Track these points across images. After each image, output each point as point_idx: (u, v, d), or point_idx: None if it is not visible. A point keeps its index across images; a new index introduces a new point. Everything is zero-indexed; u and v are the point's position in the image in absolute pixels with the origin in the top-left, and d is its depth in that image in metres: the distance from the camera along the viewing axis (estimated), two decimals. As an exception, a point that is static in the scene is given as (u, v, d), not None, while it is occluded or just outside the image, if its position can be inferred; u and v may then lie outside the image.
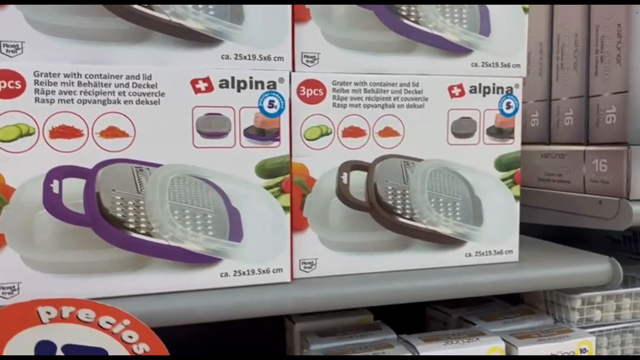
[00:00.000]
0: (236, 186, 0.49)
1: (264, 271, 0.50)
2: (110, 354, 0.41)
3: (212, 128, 0.48)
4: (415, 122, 0.55)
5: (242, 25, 0.49)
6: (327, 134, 0.52)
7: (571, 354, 0.62)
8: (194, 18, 0.47)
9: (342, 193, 0.53)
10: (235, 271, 0.50)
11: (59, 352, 0.40)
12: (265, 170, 0.50)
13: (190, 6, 0.47)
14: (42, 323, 0.39)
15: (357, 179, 0.54)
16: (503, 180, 0.58)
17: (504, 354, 0.60)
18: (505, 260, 0.59)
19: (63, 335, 0.39)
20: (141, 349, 0.41)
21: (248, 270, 0.50)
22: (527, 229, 0.76)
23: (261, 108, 0.49)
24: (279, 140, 0.50)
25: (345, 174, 0.53)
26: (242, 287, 0.50)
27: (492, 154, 0.57)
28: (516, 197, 0.59)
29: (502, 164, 0.58)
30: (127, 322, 0.40)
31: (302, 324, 0.68)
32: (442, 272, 0.56)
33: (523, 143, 0.78)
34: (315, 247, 0.53)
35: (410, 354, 0.58)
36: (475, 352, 0.59)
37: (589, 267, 0.61)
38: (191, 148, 0.48)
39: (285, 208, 0.51)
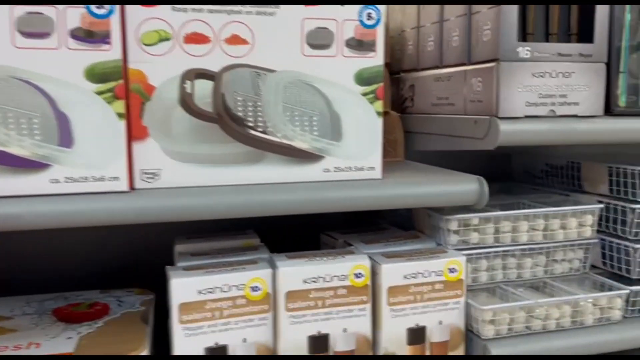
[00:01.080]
0: (63, 90, 0.48)
1: (98, 179, 0.50)
2: None
3: (33, 27, 0.46)
4: (265, 30, 0.53)
5: None
6: (167, 39, 0.50)
7: (439, 272, 0.62)
8: None
9: (186, 102, 0.52)
10: (67, 177, 0.49)
11: None
12: (96, 75, 0.48)
13: None
14: None
15: (203, 88, 0.52)
16: (364, 95, 0.57)
17: (369, 271, 0.60)
18: (367, 177, 0.58)
19: None
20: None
21: (81, 177, 0.49)
22: (449, 163, 0.73)
23: (88, 8, 0.47)
24: (109, 43, 0.48)
25: (188, 82, 0.52)
26: (76, 195, 0.49)
27: (352, 67, 0.56)
28: (378, 113, 0.58)
29: (363, 78, 0.56)
30: None
31: (183, 245, 0.68)
32: (298, 186, 0.56)
33: (421, 69, 0.77)
34: (158, 157, 0.52)
35: (271, 270, 0.58)
36: (338, 269, 0.59)
37: (456, 186, 0.60)
38: (11, 48, 0.46)
39: (119, 115, 0.49)
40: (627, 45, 0.63)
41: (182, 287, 0.55)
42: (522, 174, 0.95)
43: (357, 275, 0.60)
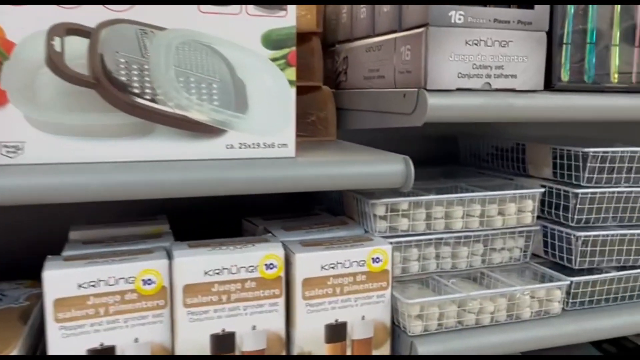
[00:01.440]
0: None
1: (-59, 152, 0.41)
2: None
3: None
4: (152, -20, 0.45)
5: None
6: (27, -14, 0.42)
7: (362, 262, 0.56)
8: None
9: (55, 63, 0.44)
10: None
11: None
12: None
13: None
14: None
15: (77, 47, 0.44)
16: (273, 60, 0.49)
17: (282, 261, 0.53)
18: (278, 155, 0.51)
19: None
20: None
21: None
22: (392, 145, 0.64)
23: None
24: (-50, -14, 0.40)
25: (57, 39, 0.44)
26: None
27: (258, 27, 0.48)
28: (291, 82, 0.50)
29: (272, 41, 0.49)
30: None
31: (78, 232, 0.60)
32: (195, 164, 0.48)
33: (354, 39, 0.70)
34: (21, 128, 0.44)
35: (167, 260, 0.50)
36: (247, 259, 0.52)
37: (379, 166, 0.54)
38: None
39: (-34, 75, 0.41)
40: (572, 13, 0.57)
41: (58, 280, 0.47)
42: (469, 157, 0.90)
43: (269, 266, 0.53)
